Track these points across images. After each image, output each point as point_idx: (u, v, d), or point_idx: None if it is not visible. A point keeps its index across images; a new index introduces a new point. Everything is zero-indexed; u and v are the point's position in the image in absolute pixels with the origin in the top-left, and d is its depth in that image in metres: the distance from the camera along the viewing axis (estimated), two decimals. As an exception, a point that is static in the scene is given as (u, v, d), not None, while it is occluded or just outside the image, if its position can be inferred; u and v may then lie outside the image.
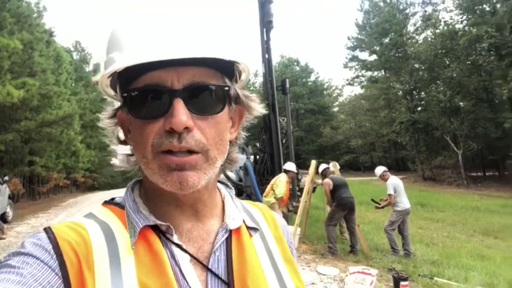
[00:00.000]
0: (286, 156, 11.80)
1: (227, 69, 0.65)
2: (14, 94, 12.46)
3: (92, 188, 37.89)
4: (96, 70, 41.92)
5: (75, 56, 39.67)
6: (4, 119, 17.92)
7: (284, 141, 12.02)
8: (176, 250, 0.62)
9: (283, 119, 12.42)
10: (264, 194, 8.10)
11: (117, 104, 0.70)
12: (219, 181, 0.76)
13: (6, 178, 12.46)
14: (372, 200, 8.32)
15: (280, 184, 7.75)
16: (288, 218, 9.40)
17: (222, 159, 0.65)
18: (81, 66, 39.05)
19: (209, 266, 0.64)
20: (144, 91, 0.59)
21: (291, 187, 10.82)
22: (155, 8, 0.63)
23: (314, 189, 8.89)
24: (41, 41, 18.96)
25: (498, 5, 24.81)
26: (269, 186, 8.08)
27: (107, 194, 25.75)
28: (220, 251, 0.66)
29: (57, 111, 18.70)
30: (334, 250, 7.18)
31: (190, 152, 0.59)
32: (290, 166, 8.32)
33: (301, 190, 10.64)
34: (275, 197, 7.68)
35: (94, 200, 21.21)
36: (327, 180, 7.72)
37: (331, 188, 7.53)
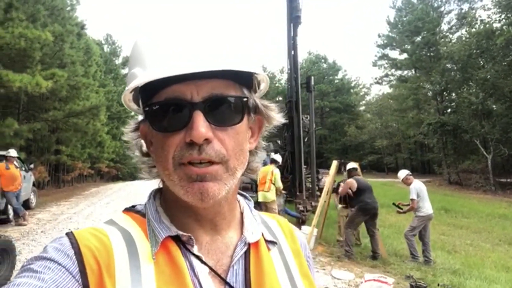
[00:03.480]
0: (308, 155, 11.66)
1: (246, 80, 0.65)
2: (43, 84, 12.80)
3: (116, 178, 38.80)
4: (125, 63, 42.82)
5: (106, 48, 40.55)
6: (34, 109, 18.54)
7: (306, 139, 11.88)
8: (195, 262, 0.63)
9: (306, 117, 12.27)
10: (266, 189, 8.21)
11: (140, 117, 0.71)
12: (238, 193, 0.76)
13: (32, 166, 12.85)
14: (394, 204, 8.09)
15: (277, 177, 8.27)
16: (306, 219, 9.30)
17: (242, 169, 0.65)
18: (111, 58, 39.91)
19: (227, 280, 0.64)
20: (165, 105, 0.60)
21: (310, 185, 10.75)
22: (174, 21, 0.64)
23: (334, 190, 8.71)
24: (72, 34, 19.46)
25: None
26: (267, 180, 8.21)
27: (128, 185, 26.36)
28: (239, 265, 0.66)
29: (84, 102, 19.22)
30: (351, 253, 7.02)
31: (211, 163, 0.59)
32: (278, 157, 8.88)
33: (320, 190, 10.51)
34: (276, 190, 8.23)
35: (115, 190, 21.71)
36: (351, 180, 7.42)
37: (354, 190, 7.29)
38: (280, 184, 8.34)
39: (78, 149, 23.98)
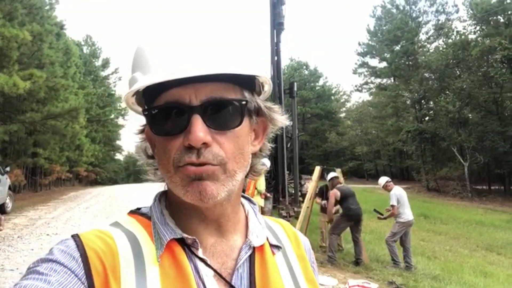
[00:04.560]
0: (290, 160, 11.69)
1: (246, 82, 0.65)
2: (21, 85, 12.47)
3: (95, 183, 38.07)
4: (105, 65, 42.17)
5: (85, 50, 39.79)
6: (10, 110, 17.98)
7: (289, 145, 11.92)
8: (200, 265, 0.62)
9: (289, 123, 12.31)
10: (250, 194, 8.02)
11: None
12: (242, 196, 0.76)
13: (8, 169, 12.46)
14: (375, 210, 8.17)
15: (261, 181, 8.10)
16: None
17: (243, 172, 0.65)
18: (91, 60, 39.17)
19: (232, 283, 0.64)
20: (164, 109, 0.61)
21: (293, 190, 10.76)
22: (171, 25, 0.65)
23: (316, 194, 8.73)
24: (51, 34, 19.07)
25: (513, 17, 24.57)
26: (251, 186, 8.08)
27: (108, 189, 25.85)
28: (243, 268, 0.66)
29: (63, 104, 18.77)
30: (334, 259, 7.04)
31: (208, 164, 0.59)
32: (266, 161, 8.40)
33: (303, 195, 10.53)
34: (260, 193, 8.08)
35: (95, 194, 21.24)
36: (334, 191, 7.46)
37: (338, 199, 7.33)
38: (262, 188, 8.20)
39: (56, 152, 23.40)
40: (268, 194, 9.16)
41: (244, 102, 0.63)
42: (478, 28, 26.95)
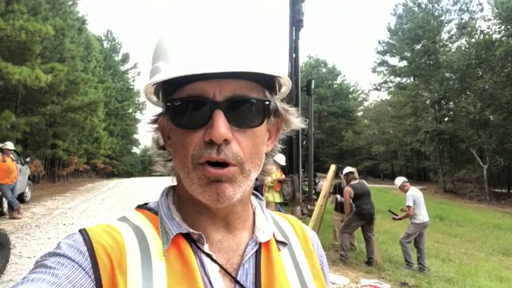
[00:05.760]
0: (305, 158, 11.65)
1: (269, 82, 0.66)
2: (42, 78, 12.75)
3: (111, 175, 38.68)
4: (125, 60, 42.71)
5: (106, 45, 40.38)
6: (32, 102, 18.44)
7: (304, 143, 11.88)
8: (206, 260, 0.63)
9: (305, 120, 12.24)
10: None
11: (159, 109, 0.71)
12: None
13: (28, 159, 12.77)
14: (390, 210, 8.10)
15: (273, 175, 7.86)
16: (302, 222, 9.27)
17: (257, 172, 0.65)
18: (111, 55, 39.76)
19: (238, 278, 0.64)
20: (187, 101, 0.61)
21: (307, 188, 10.74)
22: (200, 18, 0.64)
23: (331, 192, 8.68)
24: (73, 28, 19.38)
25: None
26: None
27: (124, 182, 26.24)
28: (249, 264, 0.66)
29: (83, 98, 19.14)
30: (346, 258, 7.02)
31: (227, 164, 0.59)
32: (280, 158, 8.34)
33: (317, 194, 10.50)
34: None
35: (111, 186, 21.60)
36: (348, 188, 7.40)
37: (351, 197, 7.29)
38: (268, 181, 7.85)
39: (75, 144, 23.89)
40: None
41: (267, 103, 0.64)
42: (503, 27, 26.18)
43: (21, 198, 11.40)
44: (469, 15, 36.16)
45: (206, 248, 0.64)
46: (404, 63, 41.12)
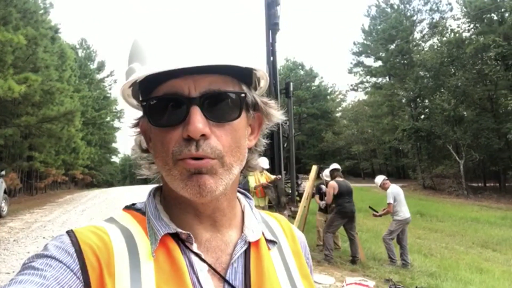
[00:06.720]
0: (287, 160, 11.70)
1: (245, 76, 0.65)
2: (15, 89, 12.45)
3: (91, 185, 37.94)
4: (100, 68, 42.05)
5: (80, 53, 39.68)
6: (5, 114, 17.92)
7: (285, 145, 11.93)
8: (194, 259, 0.63)
9: (286, 123, 12.32)
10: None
11: (140, 113, 0.71)
12: (238, 191, 0.76)
13: (3, 172, 12.41)
14: (370, 207, 8.22)
15: (250, 179, 7.61)
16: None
17: (240, 166, 0.65)
18: (86, 63, 39.07)
19: (227, 278, 0.64)
20: (162, 100, 0.61)
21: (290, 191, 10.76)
22: (171, 17, 0.64)
23: (313, 195, 8.74)
24: (46, 37, 18.98)
25: (507, 14, 24.72)
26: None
27: (104, 192, 25.78)
28: (238, 263, 0.66)
29: (58, 107, 18.71)
30: (330, 258, 7.07)
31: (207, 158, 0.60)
32: (263, 161, 7.99)
33: (300, 195, 10.55)
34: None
35: (91, 197, 21.18)
36: (333, 182, 7.40)
37: (335, 193, 7.26)
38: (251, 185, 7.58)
39: (52, 155, 23.31)
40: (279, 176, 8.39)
41: (243, 95, 0.63)
42: (472, 26, 27.07)
43: (-3, 212, 11.06)
44: (439, 14, 37.24)
45: (194, 247, 0.64)
46: (379, 63, 41.94)
